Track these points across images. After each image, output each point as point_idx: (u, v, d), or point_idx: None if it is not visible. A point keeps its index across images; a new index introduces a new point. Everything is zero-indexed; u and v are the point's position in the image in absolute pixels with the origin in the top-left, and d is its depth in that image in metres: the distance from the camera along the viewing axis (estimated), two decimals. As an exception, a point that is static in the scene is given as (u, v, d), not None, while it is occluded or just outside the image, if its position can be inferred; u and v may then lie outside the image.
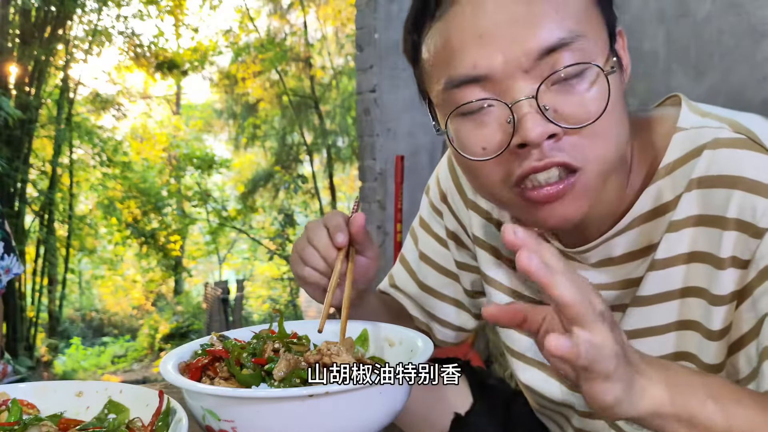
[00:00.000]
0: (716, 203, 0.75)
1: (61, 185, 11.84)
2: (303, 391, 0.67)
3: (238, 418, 0.69)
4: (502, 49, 0.70)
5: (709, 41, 1.91)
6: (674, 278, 0.80)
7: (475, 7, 0.71)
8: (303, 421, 0.68)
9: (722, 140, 0.75)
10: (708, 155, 0.75)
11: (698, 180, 0.76)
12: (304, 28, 14.18)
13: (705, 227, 0.76)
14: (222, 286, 11.53)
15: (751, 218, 0.72)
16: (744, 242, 0.73)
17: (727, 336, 0.77)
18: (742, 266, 0.73)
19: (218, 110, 16.49)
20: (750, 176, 0.72)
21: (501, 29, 0.69)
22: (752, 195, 0.72)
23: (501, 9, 0.70)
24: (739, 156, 0.74)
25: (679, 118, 0.80)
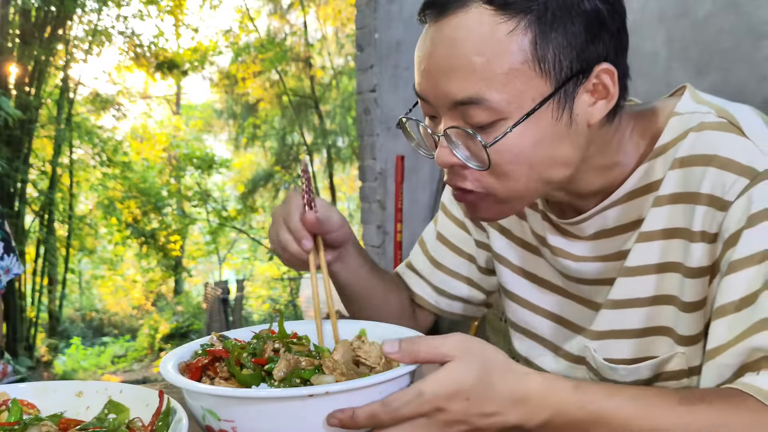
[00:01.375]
0: (693, 180, 0.81)
1: (61, 185, 11.84)
2: (303, 391, 0.67)
3: (238, 418, 0.69)
4: (430, 88, 0.81)
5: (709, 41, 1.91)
6: (653, 252, 0.85)
7: (425, 40, 0.81)
8: (303, 421, 0.68)
9: (706, 124, 0.82)
10: (692, 137, 0.82)
11: (681, 159, 0.82)
12: (304, 28, 14.19)
13: (682, 204, 0.82)
14: (222, 286, 11.53)
15: (720, 193, 0.77)
16: (712, 216, 0.78)
17: (702, 309, 0.81)
18: (710, 240, 0.79)
19: (218, 110, 16.50)
20: (723, 154, 0.78)
21: (430, 72, 0.80)
22: (724, 171, 0.78)
23: (434, 54, 0.79)
24: (718, 137, 0.80)
25: (677, 105, 0.87)
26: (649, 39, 2.11)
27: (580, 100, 0.79)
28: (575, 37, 0.76)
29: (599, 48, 0.77)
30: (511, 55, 0.75)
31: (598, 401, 0.69)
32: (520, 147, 0.78)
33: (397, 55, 4.21)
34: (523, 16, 0.75)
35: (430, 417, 0.67)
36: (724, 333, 0.75)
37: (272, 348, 0.81)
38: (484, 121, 0.77)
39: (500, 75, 0.75)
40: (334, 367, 0.76)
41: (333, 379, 0.74)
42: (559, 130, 0.79)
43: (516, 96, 0.76)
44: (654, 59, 2.08)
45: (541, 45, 0.75)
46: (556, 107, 0.78)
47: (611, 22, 0.78)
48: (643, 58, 2.11)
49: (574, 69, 0.77)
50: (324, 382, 0.73)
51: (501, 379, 0.68)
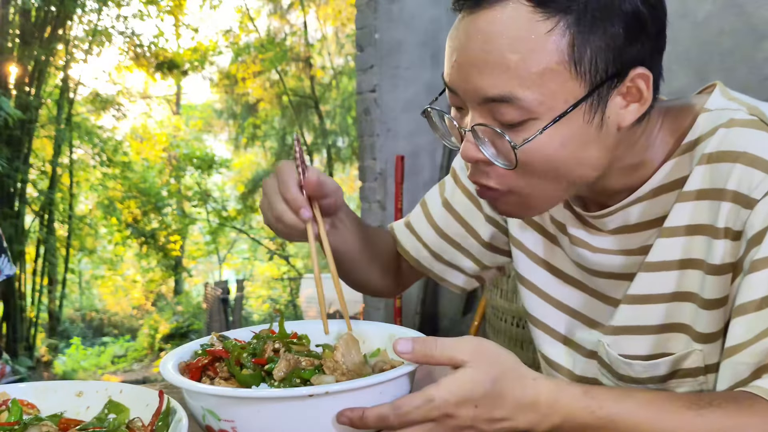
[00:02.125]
0: (720, 176, 0.79)
1: (61, 185, 11.83)
2: (303, 391, 0.67)
3: (238, 417, 0.69)
4: (460, 81, 0.79)
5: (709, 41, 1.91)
6: (676, 248, 0.84)
7: (457, 30, 0.79)
8: (303, 421, 0.68)
9: (736, 120, 0.80)
10: (721, 133, 0.80)
11: (708, 155, 0.81)
12: (304, 28, 14.18)
13: (708, 200, 0.80)
14: (222, 286, 11.53)
15: (747, 190, 0.76)
16: (737, 213, 0.77)
17: (723, 307, 0.80)
18: (734, 237, 0.78)
19: (218, 110, 16.49)
20: (752, 151, 0.77)
21: (462, 65, 0.78)
22: (751, 168, 0.76)
23: (467, 47, 0.77)
24: (747, 134, 0.78)
25: (707, 101, 0.85)
26: (649, 39, 2.11)
27: (613, 103, 0.77)
28: (614, 39, 0.74)
29: (637, 51, 0.76)
30: (547, 55, 0.73)
31: (607, 406, 0.69)
32: (549, 149, 0.76)
33: (397, 55, 4.21)
34: (563, 16, 0.73)
35: (438, 422, 0.67)
36: (742, 332, 0.74)
37: (272, 348, 0.82)
38: (514, 119, 0.76)
39: (534, 74, 0.74)
40: (334, 367, 0.76)
41: (333, 379, 0.74)
42: (590, 132, 0.77)
43: (549, 97, 0.74)
44: (654, 59, 2.08)
45: (579, 47, 0.73)
46: (588, 110, 0.76)
47: (651, 24, 0.76)
48: (643, 58, 2.11)
49: (609, 72, 0.75)
50: (324, 382, 0.73)
51: (511, 385, 0.68)
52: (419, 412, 0.66)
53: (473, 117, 0.79)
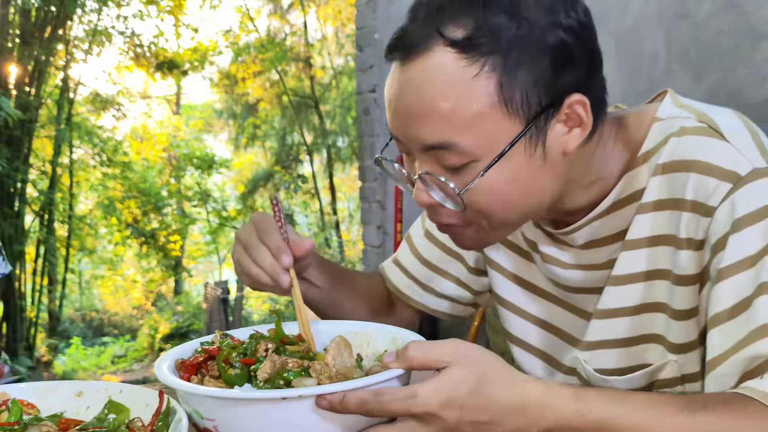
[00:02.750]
0: (677, 186, 0.80)
1: (61, 185, 11.83)
2: (277, 394, 0.68)
3: (218, 417, 0.70)
4: (401, 130, 0.81)
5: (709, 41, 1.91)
6: (641, 260, 0.85)
7: (392, 80, 0.81)
8: (279, 423, 0.68)
9: (687, 128, 0.81)
10: (673, 142, 0.81)
11: (663, 165, 0.82)
12: (304, 28, 14.18)
13: (668, 210, 0.81)
14: (222, 286, 11.53)
15: (704, 198, 0.77)
16: (697, 222, 0.78)
17: (695, 317, 0.81)
18: (697, 247, 0.78)
19: (218, 110, 16.49)
20: (704, 159, 0.78)
21: (399, 115, 0.80)
22: (705, 176, 0.77)
23: (401, 98, 0.78)
24: (698, 141, 0.80)
25: (659, 110, 0.86)
26: (649, 39, 2.11)
27: (553, 132, 0.78)
28: (542, 73, 0.75)
29: (568, 79, 0.76)
30: (478, 100, 0.74)
31: (598, 410, 0.68)
32: (496, 187, 0.78)
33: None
34: (487, 59, 0.74)
35: (423, 422, 0.66)
36: (721, 342, 0.74)
37: (265, 348, 0.81)
38: (457, 163, 0.77)
39: (468, 119, 0.75)
40: (322, 369, 0.76)
41: (315, 382, 0.74)
42: (534, 164, 0.78)
43: (486, 138, 0.75)
44: (654, 60, 2.08)
45: (508, 86, 0.74)
46: (528, 144, 0.77)
47: (578, 50, 0.77)
48: (643, 58, 2.11)
49: (543, 104, 0.76)
50: (304, 384, 0.73)
51: (498, 388, 0.67)
52: (400, 404, 0.65)
53: (419, 164, 0.81)
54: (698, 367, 0.83)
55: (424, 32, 0.76)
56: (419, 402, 0.65)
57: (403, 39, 0.79)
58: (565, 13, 0.76)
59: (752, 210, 0.74)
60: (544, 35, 0.74)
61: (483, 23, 0.74)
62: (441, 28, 0.75)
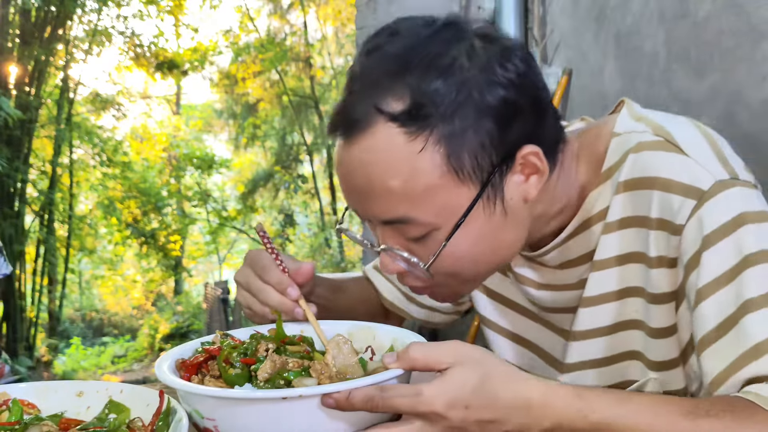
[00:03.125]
0: (641, 204, 0.79)
1: (61, 185, 11.84)
2: (277, 394, 0.68)
3: (218, 417, 0.70)
4: (356, 206, 0.80)
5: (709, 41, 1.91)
6: (611, 280, 0.84)
7: (339, 158, 0.79)
8: (279, 423, 0.68)
9: (643, 144, 0.80)
10: (632, 159, 0.80)
11: (624, 183, 0.81)
12: (304, 28, 14.18)
13: (634, 228, 0.81)
14: (222, 286, 11.52)
15: (670, 216, 0.76)
16: (666, 240, 0.77)
17: (675, 335, 0.80)
18: (670, 265, 0.78)
19: (218, 110, 16.50)
20: (664, 176, 0.77)
21: (351, 193, 0.79)
22: (668, 193, 0.76)
23: (350, 177, 0.77)
24: (656, 157, 0.78)
25: (616, 124, 0.84)
26: (649, 39, 2.11)
27: (510, 185, 0.77)
28: (488, 134, 0.74)
29: (516, 133, 0.75)
30: (427, 173, 0.73)
31: (600, 411, 0.67)
32: (461, 251, 0.77)
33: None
34: (431, 130, 0.72)
35: (429, 422, 0.66)
36: (714, 364, 0.73)
37: (265, 348, 0.81)
38: (418, 234, 0.77)
39: (420, 193, 0.74)
40: (322, 369, 0.76)
41: (315, 382, 0.74)
42: (496, 221, 0.77)
43: (442, 208, 0.75)
44: (654, 60, 2.08)
45: (455, 155, 0.73)
46: (486, 204, 0.76)
47: (522, 102, 0.75)
48: (643, 58, 2.11)
49: (495, 163, 0.75)
50: (304, 384, 0.73)
51: (501, 386, 0.67)
52: (405, 401, 0.65)
53: (381, 236, 0.80)
54: (682, 384, 0.82)
55: (363, 108, 0.74)
56: (424, 401, 0.65)
57: (343, 116, 0.77)
58: (502, 68, 0.74)
59: (720, 224, 0.73)
60: (484, 96, 0.73)
61: (421, 93, 0.72)
62: (379, 102, 0.73)
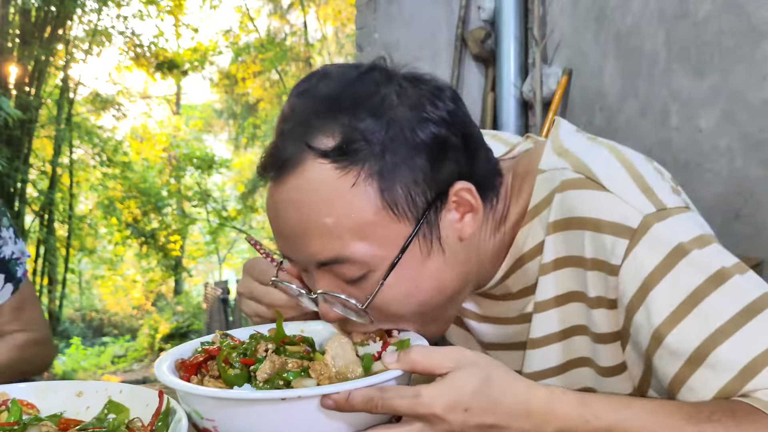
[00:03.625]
0: (573, 244, 0.78)
1: (61, 185, 11.84)
2: (276, 394, 0.68)
3: (217, 417, 0.70)
4: (291, 251, 0.78)
5: (709, 41, 1.91)
6: (553, 320, 0.83)
7: (271, 200, 0.77)
8: (279, 423, 0.68)
9: (566, 182, 0.79)
10: (558, 199, 0.79)
11: (554, 224, 0.80)
12: (304, 28, 14.19)
13: (570, 268, 0.79)
14: (222, 286, 11.52)
15: (603, 256, 0.75)
16: (604, 281, 0.76)
17: (623, 373, 0.79)
18: (610, 306, 0.76)
19: (218, 110, 16.51)
20: (592, 215, 0.76)
21: (285, 236, 0.77)
22: (599, 233, 0.75)
23: (284, 219, 0.76)
24: (580, 196, 0.77)
25: (541, 159, 0.83)
26: (649, 39, 2.11)
27: (445, 222, 0.77)
28: (421, 170, 0.74)
29: (449, 170, 0.75)
30: (361, 209, 0.73)
31: (604, 416, 0.67)
32: (400, 294, 0.76)
33: (397, 55, 4.21)
34: (363, 165, 0.72)
35: (429, 424, 0.66)
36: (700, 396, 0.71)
37: (265, 348, 0.81)
38: (355, 275, 0.75)
39: (355, 230, 0.73)
40: (321, 370, 0.76)
41: (314, 383, 0.74)
42: (433, 260, 0.77)
43: (378, 246, 0.74)
44: (654, 59, 2.08)
45: (388, 190, 0.73)
46: (423, 243, 0.76)
47: (453, 139, 0.75)
48: (643, 58, 2.11)
49: (429, 199, 0.75)
50: (304, 385, 0.73)
51: (502, 391, 0.67)
52: (404, 402, 0.65)
53: (317, 281, 0.78)
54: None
55: (293, 147, 0.73)
56: (423, 402, 0.65)
57: (273, 156, 0.76)
58: (432, 106, 0.75)
59: (658, 262, 0.72)
60: (415, 132, 0.73)
61: (351, 130, 0.72)
62: (310, 140, 0.73)
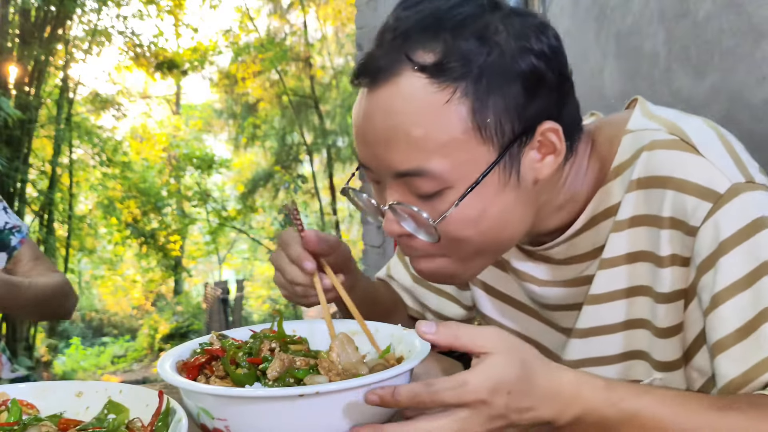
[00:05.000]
0: (653, 203, 0.79)
1: (61, 185, 11.83)
2: (294, 391, 0.67)
3: (230, 416, 0.69)
4: (371, 158, 0.79)
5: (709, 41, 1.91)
6: (620, 278, 0.84)
7: (360, 107, 0.78)
8: (294, 421, 0.68)
9: (657, 142, 0.79)
10: (645, 157, 0.80)
11: (637, 181, 0.80)
12: (304, 28, 14.18)
13: (645, 227, 0.80)
14: (222, 286, 11.54)
15: (683, 217, 0.76)
16: (680, 239, 0.77)
17: (680, 334, 0.80)
18: (683, 264, 0.77)
19: (218, 110, 16.50)
20: (678, 176, 0.76)
21: (369, 143, 0.78)
22: (682, 194, 0.76)
23: (371, 125, 0.77)
24: (671, 156, 0.78)
25: (629, 121, 0.84)
26: (649, 39, 2.11)
27: (526, 159, 0.77)
28: (514, 99, 0.74)
29: (540, 106, 0.76)
30: (450, 126, 0.73)
31: (629, 400, 0.67)
32: (469, 217, 0.76)
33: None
34: (459, 84, 0.73)
35: (473, 409, 0.64)
36: (731, 368, 0.73)
37: (269, 348, 0.82)
38: (430, 190, 0.75)
39: (441, 145, 0.73)
40: (329, 367, 0.76)
41: (326, 380, 0.74)
42: (507, 194, 0.77)
43: (460, 165, 0.74)
44: (654, 59, 2.08)
45: (480, 112, 0.73)
46: (502, 172, 0.76)
47: (549, 76, 0.76)
48: (643, 58, 2.11)
49: (516, 131, 0.75)
50: (316, 382, 0.73)
51: (538, 374, 0.66)
52: (452, 393, 0.63)
53: (390, 193, 0.78)
54: (684, 386, 0.82)
55: (391, 57, 0.75)
56: (470, 389, 0.63)
57: (370, 64, 0.77)
58: (536, 39, 0.75)
59: (737, 229, 0.73)
60: (516, 61, 0.74)
61: (452, 49, 0.73)
62: (410, 53, 0.74)
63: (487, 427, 0.64)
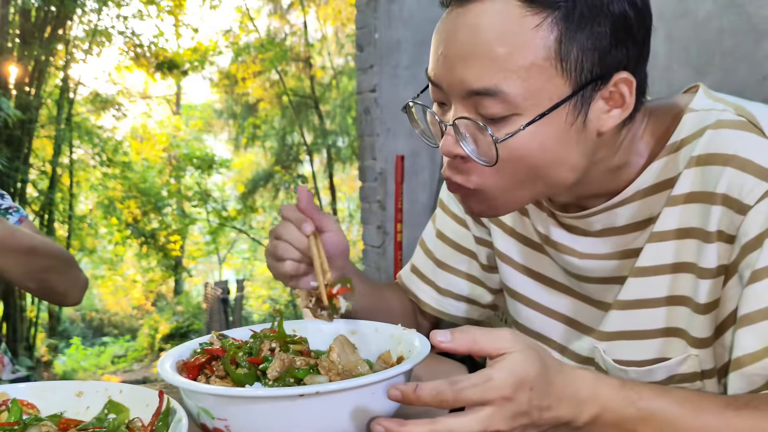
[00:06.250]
0: (709, 180, 0.79)
1: (61, 185, 11.83)
2: (294, 391, 0.67)
3: (231, 416, 0.69)
4: (445, 73, 0.78)
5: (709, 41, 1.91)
6: (667, 252, 0.83)
7: (446, 23, 0.79)
8: (295, 421, 0.68)
9: (724, 121, 0.79)
10: (709, 135, 0.80)
11: (697, 158, 0.80)
12: (304, 28, 14.17)
13: (697, 203, 0.80)
14: (222, 286, 11.53)
15: (737, 195, 0.76)
16: (730, 217, 0.77)
17: (715, 311, 0.80)
18: (728, 240, 0.77)
19: (218, 110, 16.49)
20: (742, 154, 0.76)
21: (449, 57, 0.78)
22: (742, 172, 0.76)
23: (455, 39, 0.77)
24: (736, 136, 0.78)
25: (693, 102, 0.84)
26: (649, 39, 2.11)
27: (595, 106, 0.77)
28: (600, 39, 0.74)
29: (621, 55, 0.76)
30: (535, 50, 0.73)
31: (646, 399, 0.68)
32: (529, 147, 0.76)
33: (397, 54, 4.20)
34: (551, 12, 0.73)
35: (496, 406, 0.63)
36: (753, 342, 0.73)
37: (269, 347, 0.82)
38: (498, 113, 0.75)
39: (521, 68, 0.74)
40: (329, 367, 0.76)
41: (326, 380, 0.74)
42: (570, 134, 0.77)
43: (534, 92, 0.74)
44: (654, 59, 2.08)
45: (566, 43, 0.74)
46: (571, 110, 0.76)
47: (637, 29, 0.76)
48: (643, 58, 2.11)
49: (594, 73, 0.75)
50: (317, 382, 0.73)
51: (555, 374, 0.66)
52: (476, 390, 0.62)
53: (456, 110, 0.78)
54: (712, 364, 0.82)
55: None
56: (495, 385, 0.63)
57: None
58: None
59: None
60: (610, 2, 0.74)
61: None
62: None
63: (512, 424, 0.63)
